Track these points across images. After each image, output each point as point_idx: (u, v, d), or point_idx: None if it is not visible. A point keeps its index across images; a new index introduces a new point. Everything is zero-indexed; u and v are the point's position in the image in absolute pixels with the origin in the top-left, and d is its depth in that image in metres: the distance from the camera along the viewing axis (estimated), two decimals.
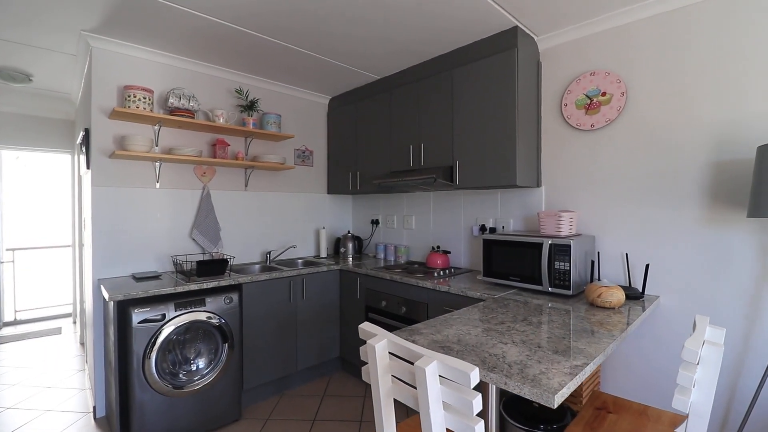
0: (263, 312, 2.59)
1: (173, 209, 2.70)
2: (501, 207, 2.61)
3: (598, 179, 2.17)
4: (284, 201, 3.33)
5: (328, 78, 3.08)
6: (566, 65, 2.28)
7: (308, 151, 3.49)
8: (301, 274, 2.78)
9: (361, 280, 2.82)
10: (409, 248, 3.25)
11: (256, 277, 2.53)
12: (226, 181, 2.97)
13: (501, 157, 2.25)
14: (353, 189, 3.29)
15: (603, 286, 1.77)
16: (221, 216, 2.93)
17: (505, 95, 2.22)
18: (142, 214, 2.56)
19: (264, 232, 3.19)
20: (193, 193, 2.80)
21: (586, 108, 2.18)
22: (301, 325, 2.80)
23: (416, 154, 2.74)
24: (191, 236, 2.77)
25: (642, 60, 2.00)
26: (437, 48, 2.52)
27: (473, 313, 1.67)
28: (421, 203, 3.16)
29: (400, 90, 2.86)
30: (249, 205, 3.11)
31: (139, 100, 2.36)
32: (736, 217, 1.75)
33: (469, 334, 1.40)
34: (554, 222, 2.07)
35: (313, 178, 3.55)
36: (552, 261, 1.97)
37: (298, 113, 3.42)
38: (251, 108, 2.90)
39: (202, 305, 2.26)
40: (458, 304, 2.16)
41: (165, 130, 2.66)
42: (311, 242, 3.53)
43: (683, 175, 1.89)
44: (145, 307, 2.06)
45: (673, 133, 1.92)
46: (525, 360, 1.16)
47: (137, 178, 2.55)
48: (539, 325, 1.51)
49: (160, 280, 2.35)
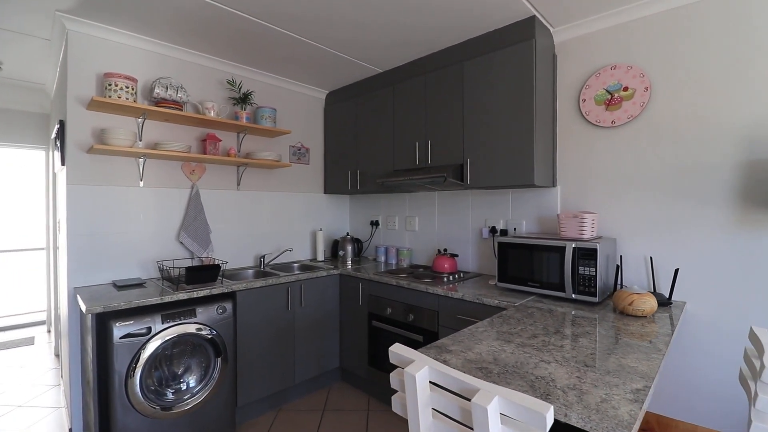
0: (259, 321, 2.39)
1: (159, 210, 2.48)
2: (513, 208, 2.48)
3: (619, 179, 2.06)
4: (279, 201, 3.13)
5: (326, 70, 2.89)
6: (584, 58, 2.15)
7: (304, 148, 3.30)
8: (300, 279, 2.59)
9: (364, 285, 2.64)
10: (412, 251, 3.09)
11: (251, 284, 2.33)
12: (217, 180, 2.76)
13: (517, 155, 2.11)
14: (353, 188, 3.11)
15: (634, 293, 1.64)
16: (211, 217, 2.72)
17: (523, 89, 2.08)
18: (123, 215, 2.33)
19: (257, 235, 2.98)
20: (181, 193, 2.58)
21: (607, 103, 2.06)
22: (299, 334, 2.61)
23: (422, 151, 2.58)
24: (179, 239, 2.55)
25: (667, 54, 1.89)
26: (446, 39, 2.37)
27: (499, 325, 1.52)
28: (424, 203, 3.01)
29: (405, 84, 2.70)
30: (241, 205, 2.90)
31: (121, 90, 2.14)
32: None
33: (504, 350, 1.25)
34: (576, 224, 1.94)
35: (309, 176, 3.35)
36: (576, 266, 1.84)
37: (294, 108, 3.23)
38: (245, 101, 2.69)
39: (192, 316, 2.05)
40: (473, 313, 2.01)
41: (150, 123, 2.44)
42: (307, 245, 3.34)
43: (712, 174, 1.78)
44: (128, 319, 1.85)
45: (700, 130, 1.81)
46: (578, 383, 1.01)
47: (118, 175, 2.32)
48: (575, 338, 1.37)
49: (145, 289, 2.13)
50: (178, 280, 2.23)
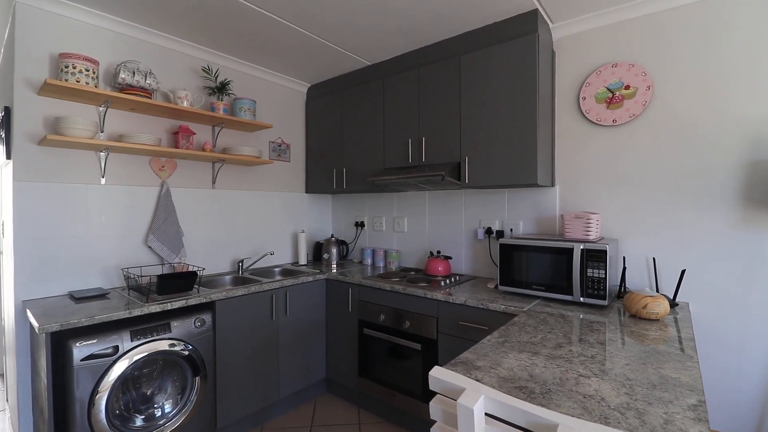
0: (240, 333, 2.17)
1: (123, 211, 2.20)
2: (509, 208, 2.41)
3: (620, 178, 2.03)
4: (258, 201, 2.90)
5: (309, 60, 2.69)
6: (584, 56, 2.11)
7: (285, 144, 3.08)
8: (285, 286, 2.39)
9: (354, 291, 2.48)
10: (401, 253, 2.96)
11: (231, 292, 2.11)
12: (190, 177, 2.50)
13: (519, 153, 2.03)
14: (338, 188, 2.94)
15: (647, 295, 1.60)
16: (183, 219, 2.46)
17: (524, 85, 2.01)
18: (82, 217, 2.04)
19: (235, 238, 2.74)
20: (149, 191, 2.31)
21: (608, 102, 2.03)
22: (284, 345, 2.41)
23: (416, 149, 2.46)
24: (147, 243, 2.27)
25: (669, 52, 1.88)
26: (442, 31, 2.26)
27: (517, 334, 1.41)
28: (414, 203, 2.89)
29: (396, 78, 2.56)
30: (217, 205, 2.65)
31: (80, 73, 1.86)
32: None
33: (535, 365, 1.14)
34: (582, 225, 1.88)
35: (289, 175, 3.14)
36: (584, 268, 1.78)
37: (274, 101, 3.01)
38: (222, 90, 2.46)
39: (166, 331, 1.81)
40: (478, 319, 1.90)
41: (113, 113, 2.15)
42: (288, 248, 3.13)
43: (715, 174, 1.78)
44: (90, 338, 1.59)
45: (703, 130, 1.81)
46: (630, 402, 0.92)
47: (76, 171, 2.03)
48: (601, 346, 1.29)
49: (108, 301, 1.87)
50: (149, 290, 1.97)
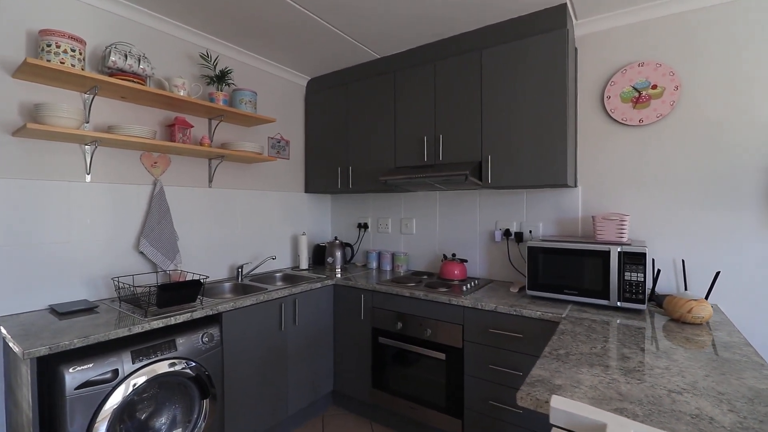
0: (249, 347, 1.97)
1: (111, 212, 1.94)
2: (527, 209, 2.34)
3: (646, 179, 2.00)
4: (256, 201, 2.68)
5: (311, 49, 2.48)
6: (609, 54, 2.07)
7: (284, 141, 2.88)
8: (294, 293, 2.20)
9: (366, 297, 2.33)
10: (409, 256, 2.84)
11: (239, 303, 1.91)
12: (184, 175, 2.26)
13: (547, 153, 1.96)
14: (343, 187, 2.77)
15: (691, 299, 1.56)
16: (177, 220, 2.22)
17: (554, 82, 1.94)
18: (64, 219, 1.78)
19: (232, 241, 2.52)
20: (140, 190, 2.06)
21: (634, 101, 2.00)
22: (292, 357, 2.22)
23: (431, 147, 2.34)
24: (139, 249, 2.03)
25: (698, 52, 1.86)
26: (461, 24, 2.16)
27: (574, 344, 1.32)
28: (423, 204, 2.77)
29: (409, 72, 2.44)
30: (214, 206, 2.42)
31: (64, 53, 1.61)
32: None
33: (616, 381, 1.05)
34: (615, 227, 1.83)
35: (289, 173, 2.94)
36: (622, 271, 1.72)
37: (273, 95, 2.80)
38: (221, 80, 2.24)
39: (171, 349, 1.59)
40: (511, 327, 1.81)
41: (101, 101, 1.90)
42: (287, 251, 2.93)
43: (744, 176, 1.78)
44: (85, 362, 1.36)
45: (733, 132, 1.80)
46: (741, 420, 0.84)
47: (58, 166, 1.76)
48: (665, 354, 1.22)
49: (97, 315, 1.63)
50: (147, 303, 1.73)
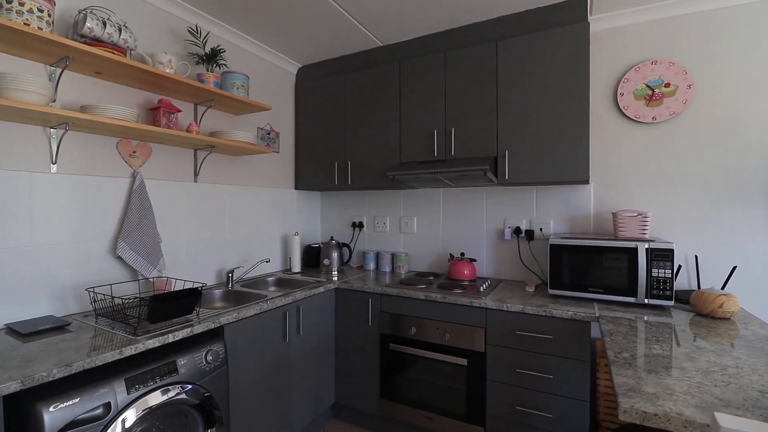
0: (253, 363, 1.74)
1: (81, 209, 1.62)
2: (538, 207, 2.30)
3: (659, 177, 2.02)
4: (245, 198, 2.41)
5: (306, 29, 2.23)
6: (622, 51, 2.07)
7: (274, 132, 2.63)
8: (297, 300, 1.99)
9: (375, 301, 2.16)
10: (410, 256, 2.70)
11: (242, 313, 1.67)
12: (167, 167, 1.96)
13: (568, 148, 1.91)
14: (341, 184, 2.58)
15: (721, 294, 1.57)
16: (159, 219, 1.92)
17: (575, 76, 1.89)
18: (24, 218, 1.44)
19: (219, 242, 2.24)
20: (116, 184, 1.74)
21: (647, 99, 2.01)
22: (296, 371, 2.00)
23: (442, 141, 2.23)
24: (116, 253, 1.71)
25: (710, 53, 1.90)
26: (476, 12, 2.06)
27: (634, 346, 1.26)
28: (425, 202, 2.65)
29: (416, 61, 2.30)
30: (200, 202, 2.13)
31: (29, 12, 1.29)
32: None
33: (705, 384, 0.98)
34: (638, 223, 1.82)
35: (279, 168, 2.69)
36: (649, 268, 1.71)
37: (263, 81, 2.54)
38: (212, 60, 1.96)
39: (172, 373, 1.33)
40: (538, 327, 1.73)
41: (71, 76, 1.57)
42: (277, 253, 2.68)
43: (756, 174, 1.84)
44: (68, 396, 1.08)
45: (743, 130, 1.86)
46: None
47: (17, 154, 1.43)
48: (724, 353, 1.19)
49: (71, 335, 1.33)
50: (138, 318, 1.44)
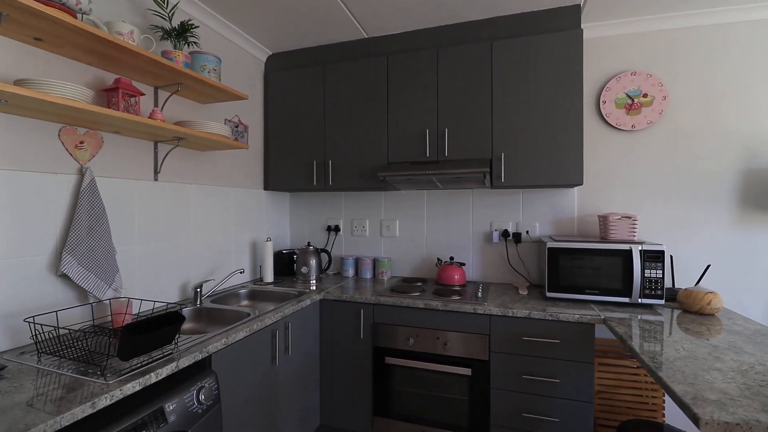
0: (242, 396, 1.48)
1: (11, 214, 1.24)
2: (524, 209, 2.31)
3: (636, 181, 2.14)
4: (211, 200, 2.10)
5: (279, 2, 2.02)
6: (605, 60, 2.16)
7: (242, 125, 2.33)
8: (286, 316, 1.75)
9: (367, 312, 2.00)
10: (392, 261, 2.57)
11: (231, 337, 1.41)
12: (121, 162, 1.61)
13: (563, 152, 1.93)
14: (320, 184, 2.37)
15: (708, 291, 1.68)
16: (113, 226, 1.56)
17: (569, 81, 1.92)
18: None
19: (183, 252, 1.91)
20: (59, 182, 1.37)
21: (627, 108, 2.12)
22: (283, 396, 1.77)
23: (435, 142, 2.14)
24: (59, 271, 1.34)
25: (681, 67, 2.05)
26: (471, 9, 2.01)
27: (656, 348, 1.28)
28: (408, 205, 2.54)
29: (406, 57, 2.18)
30: (161, 205, 1.79)
31: None
32: (764, 218, 1.97)
33: (748, 385, 1.00)
34: (628, 226, 1.90)
35: (247, 165, 2.39)
36: (643, 269, 1.78)
37: (229, 67, 2.23)
38: (181, 35, 1.65)
39: (161, 423, 1.05)
40: (544, 332, 1.72)
41: (4, 42, 1.19)
42: (246, 261, 2.38)
43: (721, 180, 2.02)
44: None
45: (707, 140, 2.03)
46: None
47: None
48: (741, 350, 1.26)
49: (10, 382, 1.00)
50: (107, 354, 1.12)
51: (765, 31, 1.95)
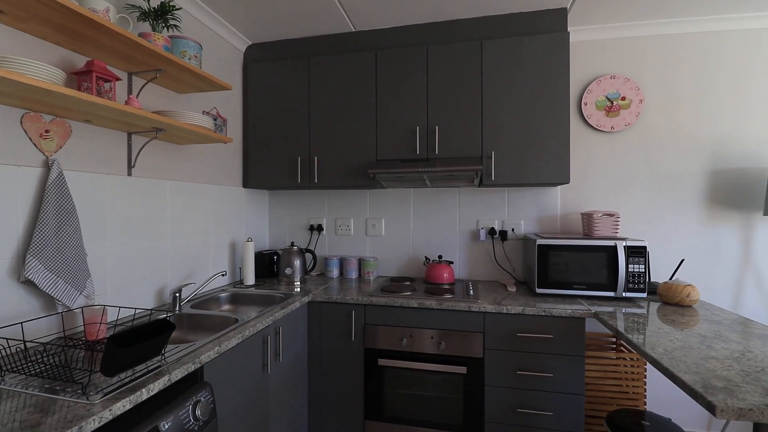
0: (234, 408, 1.37)
1: None
2: (509, 207, 2.35)
3: (615, 180, 2.24)
4: (188, 197, 1.95)
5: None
6: (587, 64, 2.24)
7: (221, 118, 2.19)
8: (277, 320, 1.66)
9: (358, 313, 1.94)
10: (378, 261, 2.52)
11: (224, 345, 1.30)
12: (91, 155, 1.44)
13: (551, 151, 1.98)
14: (305, 182, 2.27)
15: (686, 284, 1.78)
16: (84, 226, 1.40)
17: (557, 82, 1.97)
18: None
19: (159, 254, 1.75)
20: (21, 175, 1.20)
21: (607, 110, 2.21)
22: (274, 407, 1.67)
23: (425, 140, 2.12)
24: (23, 276, 1.17)
25: (660, 73, 2.17)
26: (461, 7, 2.01)
27: (656, 339, 1.32)
28: (394, 203, 2.50)
29: (396, 53, 2.14)
30: (135, 202, 1.63)
31: None
32: (729, 216, 2.12)
33: (746, 372, 1.06)
34: (611, 223, 1.97)
35: (227, 161, 2.25)
36: (627, 264, 1.86)
37: (210, 57, 2.09)
38: (161, 17, 1.51)
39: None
40: (538, 328, 1.74)
41: None
42: (225, 263, 2.23)
43: (691, 180, 2.15)
44: None
45: (678, 142, 2.16)
46: None
47: None
48: (728, 338, 1.33)
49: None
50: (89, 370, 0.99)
51: (720, 43, 2.11)
